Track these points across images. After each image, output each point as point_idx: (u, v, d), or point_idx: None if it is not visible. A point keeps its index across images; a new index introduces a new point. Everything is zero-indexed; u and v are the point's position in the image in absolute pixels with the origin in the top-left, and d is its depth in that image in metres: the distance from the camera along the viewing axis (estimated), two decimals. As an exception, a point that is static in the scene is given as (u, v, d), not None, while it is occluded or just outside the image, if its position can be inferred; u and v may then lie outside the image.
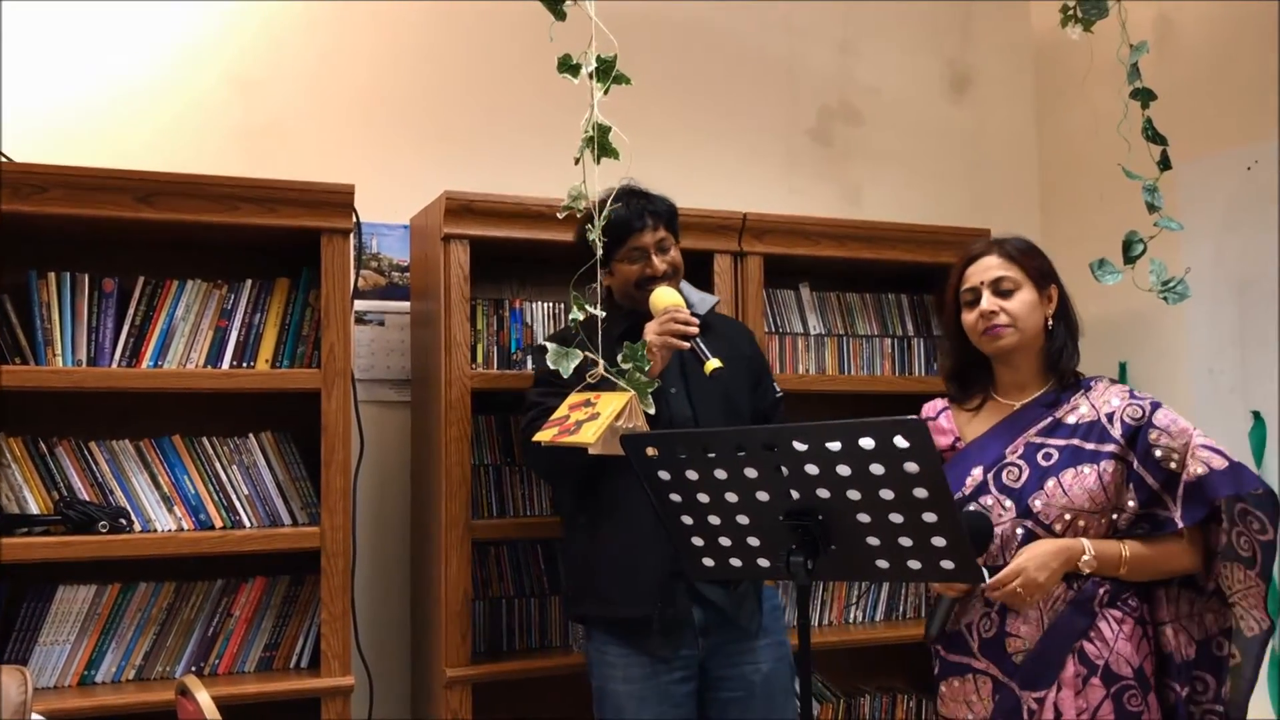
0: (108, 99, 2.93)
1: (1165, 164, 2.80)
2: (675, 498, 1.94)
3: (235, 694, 2.55)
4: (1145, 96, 2.82)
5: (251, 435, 2.76)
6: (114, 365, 2.61)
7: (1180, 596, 2.22)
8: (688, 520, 1.96)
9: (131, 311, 2.63)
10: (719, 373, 2.35)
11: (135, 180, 2.52)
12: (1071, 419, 2.23)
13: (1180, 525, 2.12)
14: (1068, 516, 2.16)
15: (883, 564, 1.84)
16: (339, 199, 2.67)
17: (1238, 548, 2.13)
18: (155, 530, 2.63)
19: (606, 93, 2.20)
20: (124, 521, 2.57)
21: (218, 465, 2.71)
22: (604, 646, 2.53)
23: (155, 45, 2.99)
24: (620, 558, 2.46)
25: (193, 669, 2.66)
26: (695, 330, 2.40)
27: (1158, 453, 2.14)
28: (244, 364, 2.69)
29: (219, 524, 2.68)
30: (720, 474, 1.86)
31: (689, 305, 2.55)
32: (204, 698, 1.95)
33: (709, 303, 2.66)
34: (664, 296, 2.48)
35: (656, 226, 2.55)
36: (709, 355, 2.36)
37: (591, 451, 2.15)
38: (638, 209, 2.54)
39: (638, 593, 2.45)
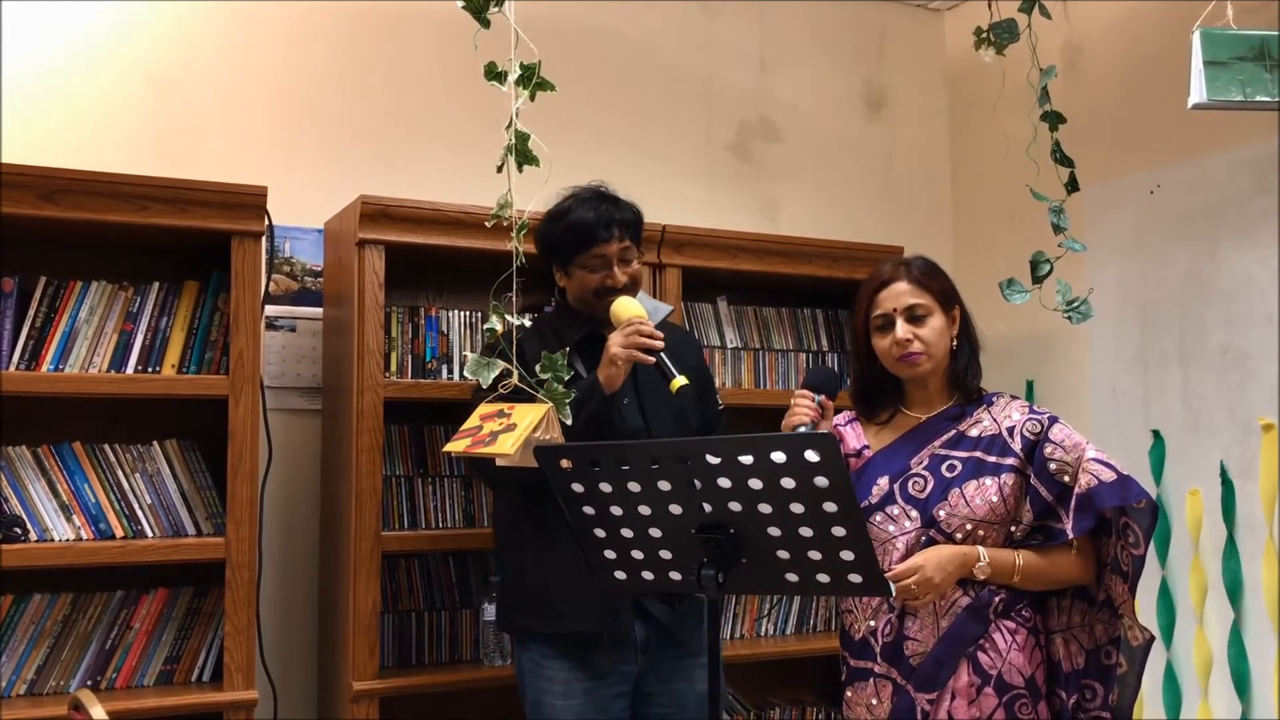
0: (10, 91, 2.84)
1: (1072, 186, 2.88)
2: (588, 510, 1.93)
3: (133, 708, 2.49)
4: (1054, 120, 2.89)
5: (156, 442, 2.69)
6: (12, 368, 2.52)
7: (1073, 607, 2.28)
8: (600, 533, 1.95)
9: (32, 312, 2.55)
10: (685, 389, 2.29)
11: (38, 177, 2.45)
12: (974, 432, 2.28)
13: (1070, 536, 2.18)
14: (969, 526, 2.20)
15: (793, 577, 1.85)
16: (251, 201, 2.62)
17: (1120, 561, 2.21)
18: (52, 540, 2.55)
19: (533, 98, 2.19)
20: (19, 530, 2.49)
21: (120, 473, 2.64)
22: (542, 660, 2.47)
23: (62, 37, 2.90)
24: (574, 572, 2.30)
25: (89, 683, 2.57)
26: (660, 345, 2.33)
27: (1052, 466, 2.20)
28: (149, 369, 2.62)
29: (120, 533, 2.61)
30: (634, 486, 1.86)
31: None
32: (98, 712, 1.90)
33: (662, 312, 2.58)
34: (627, 307, 2.40)
35: (623, 237, 2.48)
36: (675, 373, 2.30)
37: (506, 463, 2.13)
38: (605, 217, 2.47)
39: (589, 608, 2.41)
